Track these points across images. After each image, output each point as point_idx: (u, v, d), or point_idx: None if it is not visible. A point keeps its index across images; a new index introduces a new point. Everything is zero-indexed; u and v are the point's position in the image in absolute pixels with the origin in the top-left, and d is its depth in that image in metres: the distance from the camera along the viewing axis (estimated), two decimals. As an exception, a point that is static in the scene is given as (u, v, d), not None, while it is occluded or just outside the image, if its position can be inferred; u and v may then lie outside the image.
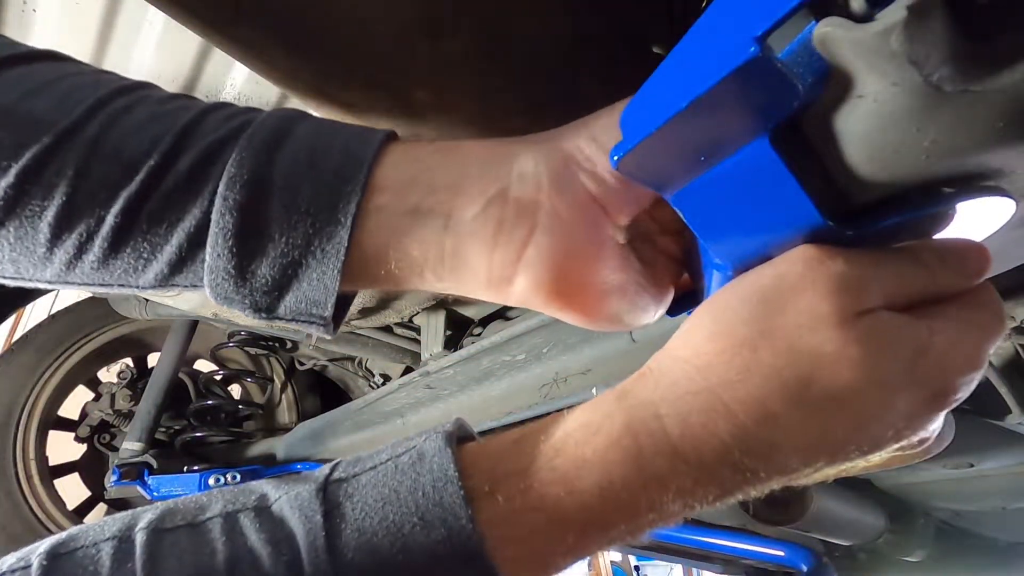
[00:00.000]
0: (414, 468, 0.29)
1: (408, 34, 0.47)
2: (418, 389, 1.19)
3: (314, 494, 0.29)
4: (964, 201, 0.27)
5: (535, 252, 0.34)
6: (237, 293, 0.35)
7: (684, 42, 0.27)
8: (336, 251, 0.34)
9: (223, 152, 0.35)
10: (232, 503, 0.30)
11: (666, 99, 0.26)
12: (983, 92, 0.22)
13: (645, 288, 0.37)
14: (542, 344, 0.96)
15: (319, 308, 0.36)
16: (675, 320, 0.40)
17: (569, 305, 0.36)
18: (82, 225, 0.34)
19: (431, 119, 0.54)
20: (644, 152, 0.29)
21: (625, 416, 0.29)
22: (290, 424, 1.80)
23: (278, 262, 0.35)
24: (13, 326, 2.87)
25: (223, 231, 0.34)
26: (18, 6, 0.63)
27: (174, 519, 0.29)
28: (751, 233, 0.30)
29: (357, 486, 0.30)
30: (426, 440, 0.31)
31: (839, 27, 0.22)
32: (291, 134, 0.36)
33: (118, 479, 1.43)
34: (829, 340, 0.26)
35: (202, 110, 0.37)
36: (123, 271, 0.36)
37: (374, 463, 0.31)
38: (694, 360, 0.29)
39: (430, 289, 0.38)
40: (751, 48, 0.22)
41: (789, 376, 0.27)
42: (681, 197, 0.31)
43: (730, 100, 0.25)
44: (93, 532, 0.29)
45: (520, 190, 0.35)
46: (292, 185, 0.34)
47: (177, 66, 0.68)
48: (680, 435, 0.28)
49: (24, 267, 0.36)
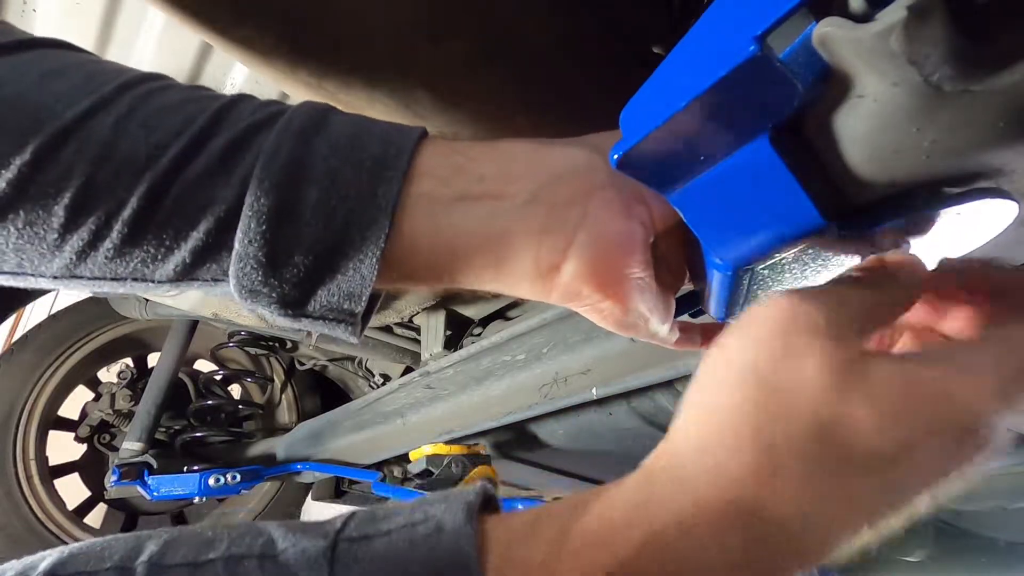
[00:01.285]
0: (430, 541, 0.27)
1: (408, 34, 0.48)
2: (418, 389, 1.19)
3: (322, 552, 0.28)
4: (966, 204, 0.27)
5: (586, 237, 0.34)
6: (265, 285, 0.33)
7: (684, 42, 0.27)
8: (376, 237, 0.33)
9: (258, 136, 0.33)
10: (237, 545, 0.29)
11: (666, 98, 0.26)
12: (983, 92, 0.22)
13: (662, 292, 0.38)
14: (542, 344, 0.96)
15: (352, 302, 0.34)
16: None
17: (611, 296, 0.35)
18: (101, 208, 0.32)
19: (431, 119, 0.54)
20: (644, 151, 0.29)
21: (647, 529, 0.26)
22: (290, 424, 1.81)
23: (313, 249, 0.33)
24: (13, 326, 2.87)
25: (257, 214, 0.32)
26: (18, 6, 0.63)
27: (176, 555, 0.28)
28: (751, 233, 0.30)
29: (367, 551, 0.28)
30: (447, 511, 0.29)
31: (839, 27, 0.22)
32: (328, 122, 0.35)
33: (118, 479, 1.43)
34: (827, 404, 0.25)
35: (232, 98, 0.35)
36: (140, 261, 0.33)
37: (388, 527, 0.29)
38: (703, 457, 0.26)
39: (470, 286, 0.36)
40: (751, 47, 0.22)
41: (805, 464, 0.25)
42: (681, 196, 0.31)
43: (730, 99, 0.25)
44: (95, 558, 0.28)
45: (570, 179, 0.34)
46: (331, 168, 0.33)
47: (177, 66, 0.68)
48: (715, 554, 0.25)
49: (29, 257, 0.33)
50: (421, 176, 0.34)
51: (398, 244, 0.34)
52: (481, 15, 0.47)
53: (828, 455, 0.25)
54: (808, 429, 0.25)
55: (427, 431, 1.20)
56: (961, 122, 0.23)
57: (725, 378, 0.27)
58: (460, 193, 0.34)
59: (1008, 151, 0.25)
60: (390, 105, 0.53)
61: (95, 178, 0.31)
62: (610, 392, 0.90)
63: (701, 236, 0.32)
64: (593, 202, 0.34)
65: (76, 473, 1.75)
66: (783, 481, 0.25)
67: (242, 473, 1.49)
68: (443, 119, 0.54)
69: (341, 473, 1.47)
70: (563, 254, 0.34)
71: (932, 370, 0.25)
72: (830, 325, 0.26)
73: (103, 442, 1.70)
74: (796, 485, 0.25)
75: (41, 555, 0.28)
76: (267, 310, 0.35)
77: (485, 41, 0.49)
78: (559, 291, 0.36)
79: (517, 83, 0.53)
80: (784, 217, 0.28)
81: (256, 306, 0.34)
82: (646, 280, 0.36)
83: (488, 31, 0.49)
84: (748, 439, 0.26)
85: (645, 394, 0.97)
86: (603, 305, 0.36)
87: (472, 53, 0.50)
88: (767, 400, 0.26)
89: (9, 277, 0.35)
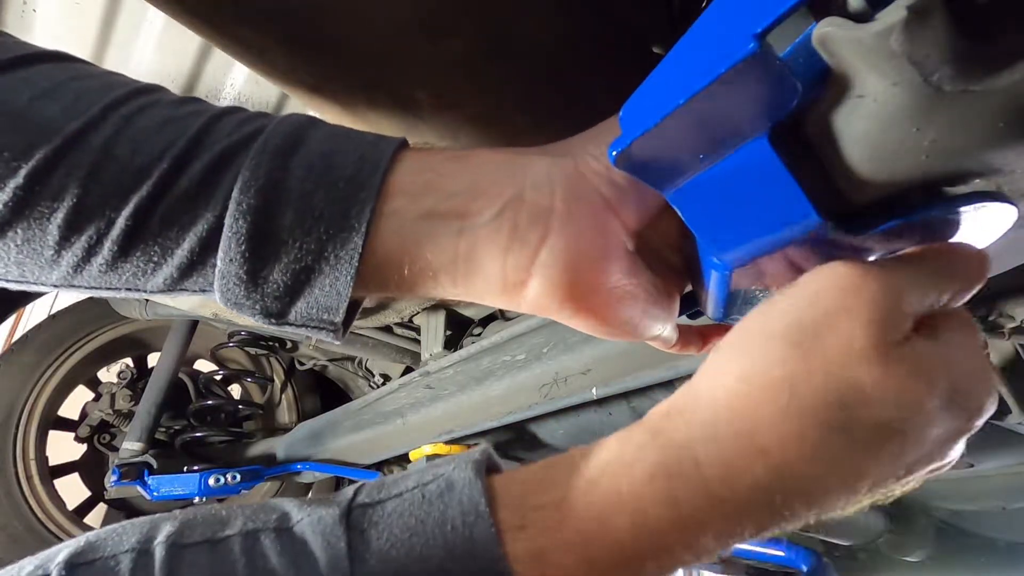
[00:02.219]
0: (442, 499, 0.28)
1: (408, 34, 0.47)
2: (418, 389, 1.19)
3: (337, 519, 0.28)
4: (965, 207, 0.27)
5: (549, 255, 0.35)
6: (248, 299, 0.35)
7: (684, 39, 0.27)
8: (350, 257, 0.34)
9: (237, 157, 0.35)
10: (253, 520, 0.29)
11: (665, 95, 0.26)
12: (983, 92, 0.22)
13: (655, 297, 0.37)
14: (542, 344, 0.96)
15: (330, 314, 0.36)
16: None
17: (582, 310, 0.36)
18: (92, 227, 0.34)
19: (431, 119, 0.54)
20: (642, 148, 0.29)
21: (659, 455, 0.28)
22: (290, 424, 1.81)
23: (291, 267, 0.34)
24: (13, 326, 2.87)
25: (236, 235, 0.34)
26: (18, 6, 0.63)
27: (193, 534, 0.29)
28: (749, 233, 0.30)
29: (382, 513, 0.29)
30: (455, 469, 0.30)
31: (839, 27, 0.22)
32: (305, 140, 0.36)
33: (118, 479, 1.43)
34: (870, 375, 0.26)
35: (214, 115, 0.36)
36: (132, 274, 0.36)
37: (400, 490, 0.30)
38: (727, 401, 0.28)
39: (442, 296, 0.37)
40: (750, 44, 0.22)
41: (829, 417, 0.26)
42: (680, 195, 0.31)
43: (728, 96, 0.25)
44: (112, 542, 0.28)
45: (534, 195, 0.35)
46: (306, 190, 0.34)
47: (177, 66, 0.68)
48: (717, 479, 0.27)
49: (30, 269, 0.35)
50: (393, 194, 0.35)
51: (372, 261, 0.35)
52: (480, 14, 0.47)
53: (853, 423, 0.26)
54: (839, 393, 0.26)
55: (427, 431, 1.20)
56: (961, 122, 0.23)
57: (764, 328, 0.28)
58: (428, 211, 0.35)
59: (1008, 151, 0.25)
60: (390, 105, 0.53)
61: (85, 199, 0.33)
62: (610, 392, 0.90)
63: (699, 235, 0.32)
64: (555, 219, 0.35)
65: (76, 473, 1.75)
66: (803, 441, 0.26)
67: (242, 473, 1.49)
68: (443, 119, 0.54)
69: (341, 473, 1.47)
70: (527, 271, 0.35)
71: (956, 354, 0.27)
72: (886, 307, 0.26)
73: (103, 442, 1.70)
74: (815, 444, 0.26)
75: (58, 548, 0.29)
76: (251, 319, 0.37)
77: (485, 40, 0.49)
78: (528, 306, 0.36)
79: (517, 82, 0.53)
80: (782, 217, 0.28)
81: (241, 314, 0.37)
82: (631, 287, 0.36)
83: (488, 30, 0.49)
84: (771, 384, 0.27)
85: (645, 394, 0.97)
86: (575, 319, 0.37)
87: (472, 52, 0.50)
88: (806, 356, 0.26)
89: (14, 284, 0.37)
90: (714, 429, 0.27)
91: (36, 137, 0.33)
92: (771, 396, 0.27)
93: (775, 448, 0.26)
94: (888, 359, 0.26)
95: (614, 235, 0.35)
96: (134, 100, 0.36)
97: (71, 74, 0.36)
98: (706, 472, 0.27)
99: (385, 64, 0.49)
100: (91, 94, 0.35)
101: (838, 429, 0.26)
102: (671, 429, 0.28)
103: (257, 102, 0.71)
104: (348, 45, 0.48)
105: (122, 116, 0.35)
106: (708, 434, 0.27)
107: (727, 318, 0.37)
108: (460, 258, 0.35)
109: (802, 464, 0.26)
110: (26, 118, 0.33)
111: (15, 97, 0.34)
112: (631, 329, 0.38)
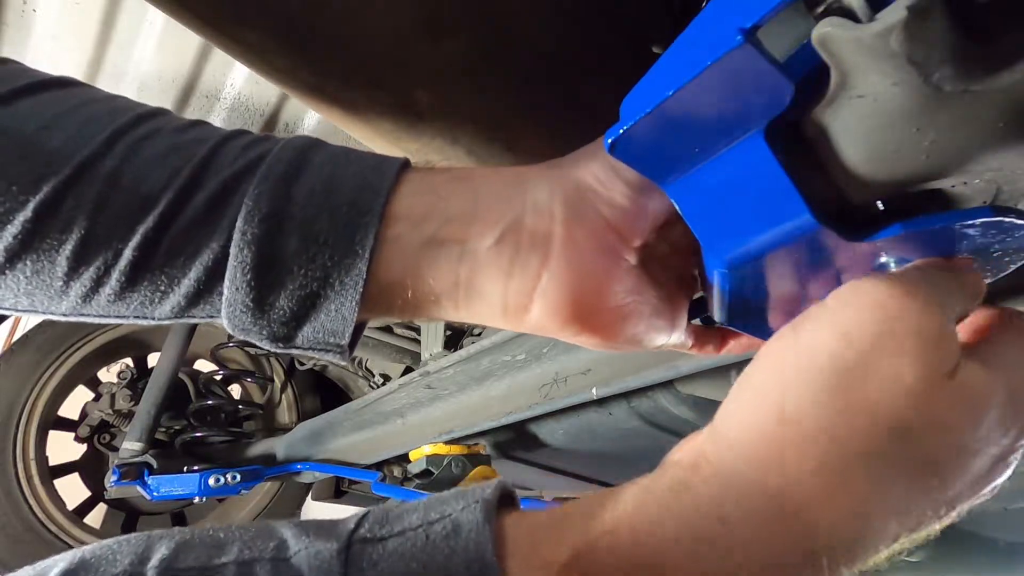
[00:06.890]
0: (447, 543, 0.27)
1: (408, 34, 0.48)
2: (418, 389, 1.19)
3: (335, 555, 0.27)
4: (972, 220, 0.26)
5: (550, 280, 0.35)
6: (255, 325, 0.36)
7: (681, 36, 0.27)
8: (354, 283, 0.35)
9: (240, 186, 0.35)
10: (250, 548, 0.28)
11: (658, 86, 0.27)
12: (983, 92, 0.22)
13: (660, 309, 0.37)
14: (542, 344, 0.96)
15: (337, 337, 0.36)
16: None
17: (586, 330, 0.36)
18: (99, 259, 0.34)
19: (431, 119, 0.54)
20: (636, 136, 0.29)
21: (685, 514, 0.26)
22: (290, 424, 1.81)
23: (296, 294, 0.35)
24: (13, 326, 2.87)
25: (241, 265, 0.34)
26: (18, 6, 0.63)
27: (187, 558, 0.28)
28: (746, 231, 0.30)
29: (383, 552, 0.27)
30: (463, 509, 0.28)
31: (839, 27, 0.22)
32: (307, 166, 0.36)
33: (118, 479, 1.43)
34: (919, 416, 0.24)
35: (218, 141, 0.37)
36: (139, 304, 0.36)
37: (403, 527, 0.28)
38: (757, 451, 0.25)
39: (447, 318, 0.38)
40: (736, 38, 0.23)
41: (874, 470, 0.24)
42: (677, 188, 0.31)
43: (718, 89, 0.25)
44: (106, 562, 0.28)
45: (534, 219, 0.35)
46: (309, 217, 0.34)
47: (177, 66, 0.68)
48: (747, 542, 0.25)
49: (39, 300, 0.36)
50: (395, 219, 0.35)
51: (376, 286, 0.35)
52: (481, 15, 0.47)
53: (899, 470, 0.24)
54: (887, 440, 0.24)
55: (427, 431, 1.20)
56: (961, 122, 0.23)
57: (797, 365, 0.26)
58: (429, 236, 0.35)
59: (1008, 151, 0.25)
60: (390, 105, 0.53)
61: (93, 231, 0.34)
62: (610, 392, 0.90)
63: (696, 230, 0.32)
64: (555, 243, 0.35)
65: (76, 473, 1.74)
66: (844, 496, 0.24)
67: (242, 473, 1.49)
68: (443, 119, 0.54)
69: (341, 473, 1.47)
70: (529, 296, 0.35)
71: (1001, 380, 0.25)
72: (932, 333, 0.24)
73: (103, 442, 1.70)
74: (858, 498, 0.24)
75: (52, 561, 0.28)
76: (258, 343, 0.37)
77: (485, 41, 0.49)
78: (531, 328, 0.36)
79: (517, 83, 0.53)
80: (776, 215, 0.28)
81: (249, 339, 0.37)
82: (635, 304, 0.36)
83: (488, 31, 0.49)
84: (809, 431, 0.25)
85: (645, 394, 0.97)
86: (579, 338, 0.37)
87: (472, 53, 0.50)
88: (847, 398, 0.24)
89: (25, 313, 0.37)
90: (745, 486, 0.25)
91: (43, 168, 0.33)
92: (809, 449, 0.24)
93: (818, 508, 0.24)
94: (939, 395, 0.24)
95: (616, 255, 0.35)
96: (139, 127, 0.36)
97: (75, 101, 0.36)
98: (736, 534, 0.25)
99: (385, 64, 0.49)
100: (96, 122, 0.35)
101: (884, 480, 0.24)
102: (698, 483, 0.26)
103: (257, 102, 0.71)
104: (348, 45, 0.48)
105: (127, 145, 0.35)
106: (739, 492, 0.25)
107: (732, 323, 0.36)
108: (462, 284, 0.36)
109: (844, 526, 0.24)
110: (33, 148, 0.33)
111: (22, 126, 0.34)
112: (636, 343, 0.38)
